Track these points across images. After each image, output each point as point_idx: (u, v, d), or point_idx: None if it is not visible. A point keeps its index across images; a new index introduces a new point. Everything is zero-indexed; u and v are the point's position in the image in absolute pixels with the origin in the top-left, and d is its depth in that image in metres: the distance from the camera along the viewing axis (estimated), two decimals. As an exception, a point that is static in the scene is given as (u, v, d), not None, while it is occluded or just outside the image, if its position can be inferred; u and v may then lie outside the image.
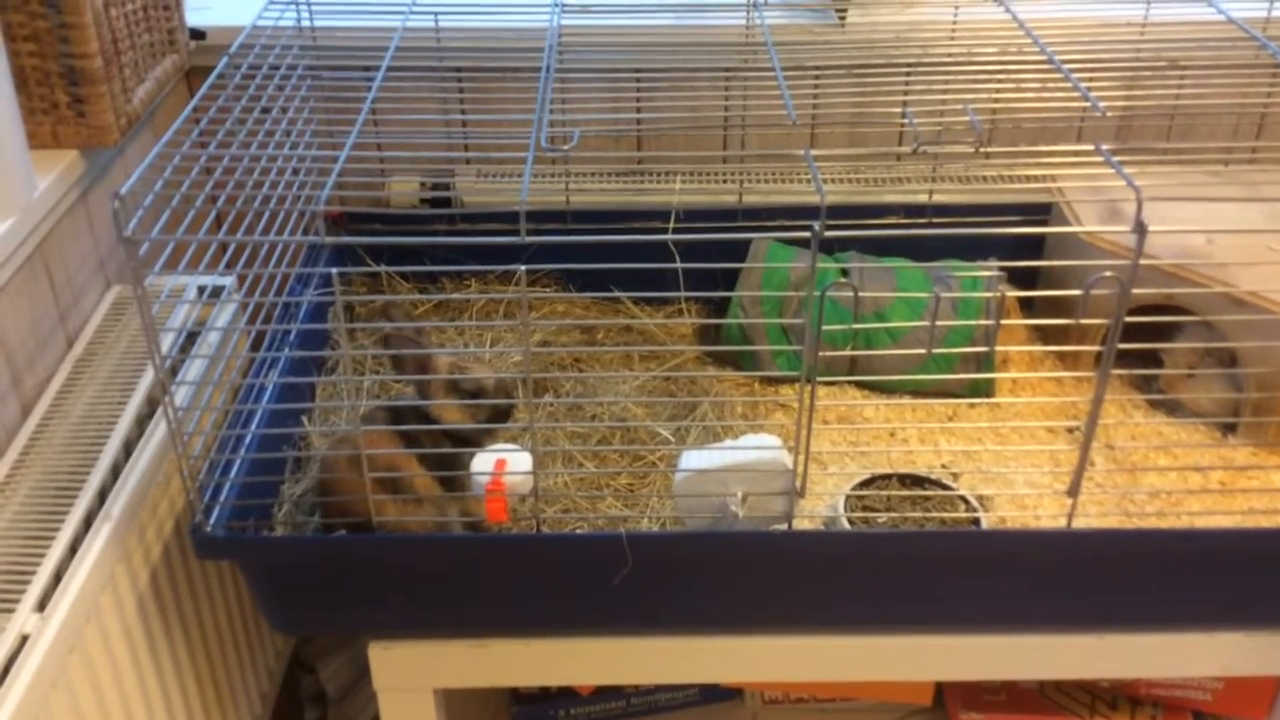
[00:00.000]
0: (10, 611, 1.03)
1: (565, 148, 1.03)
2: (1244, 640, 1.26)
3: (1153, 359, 1.42)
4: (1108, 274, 1.00)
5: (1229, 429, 1.40)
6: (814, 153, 1.08)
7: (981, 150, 1.08)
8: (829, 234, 0.99)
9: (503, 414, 1.23)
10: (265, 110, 1.30)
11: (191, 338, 1.39)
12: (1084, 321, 1.05)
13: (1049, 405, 1.46)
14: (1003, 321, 1.50)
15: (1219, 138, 1.76)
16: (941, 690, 1.64)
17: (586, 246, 1.03)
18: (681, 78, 1.61)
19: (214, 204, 1.19)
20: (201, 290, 1.46)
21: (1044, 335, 1.57)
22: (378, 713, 1.31)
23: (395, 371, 1.22)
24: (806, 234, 0.99)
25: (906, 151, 1.11)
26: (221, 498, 1.17)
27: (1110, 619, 1.26)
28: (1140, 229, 0.98)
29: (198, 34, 1.66)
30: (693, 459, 1.17)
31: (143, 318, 1.02)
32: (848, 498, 1.25)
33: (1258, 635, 1.26)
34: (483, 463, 1.17)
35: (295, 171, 1.34)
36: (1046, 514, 1.27)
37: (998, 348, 1.49)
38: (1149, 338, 1.24)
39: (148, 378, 1.32)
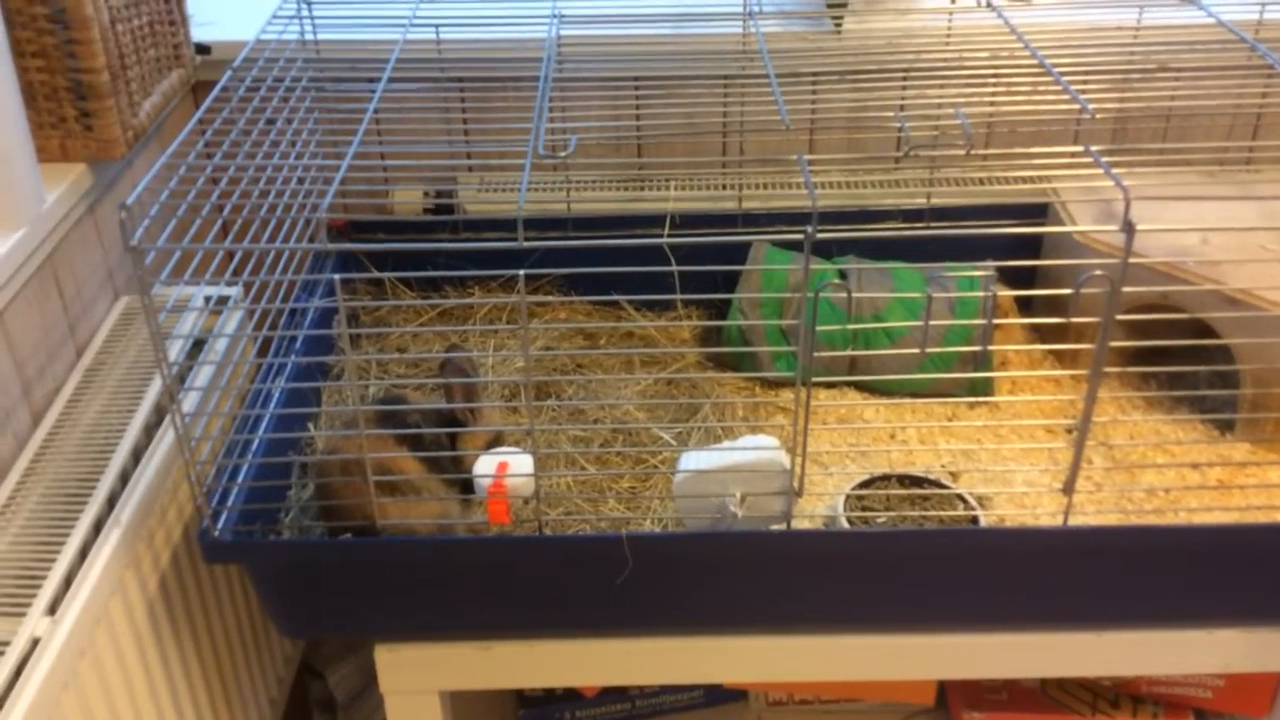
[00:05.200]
0: (22, 615, 1.05)
1: (562, 155, 1.05)
2: (1244, 637, 1.27)
3: (1150, 357, 1.43)
4: (1098, 273, 1.02)
5: (1226, 426, 1.41)
6: (808, 158, 1.10)
7: (973, 153, 1.09)
8: (823, 236, 1.01)
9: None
10: (270, 122, 1.31)
11: (199, 345, 1.41)
12: (1077, 320, 1.06)
13: (1047, 405, 1.47)
14: (999, 321, 1.51)
15: (1214, 140, 1.77)
16: (944, 690, 1.65)
17: (587, 252, 1.05)
18: (680, 85, 1.63)
19: (220, 214, 1.21)
20: (208, 300, 1.48)
21: (1042, 335, 1.59)
22: (386, 719, 1.32)
23: (444, 397, 1.27)
24: (800, 237, 1.00)
25: (900, 155, 1.12)
26: (229, 502, 1.19)
27: (1110, 617, 1.26)
28: (1129, 228, 0.99)
29: (203, 49, 1.69)
30: (691, 460, 1.18)
31: (149, 325, 1.04)
32: (847, 497, 1.27)
33: (1257, 632, 1.27)
34: (485, 465, 1.19)
35: (300, 181, 1.36)
36: (1045, 512, 1.28)
37: (996, 348, 1.50)
38: (1147, 337, 1.25)
39: (156, 386, 1.34)
